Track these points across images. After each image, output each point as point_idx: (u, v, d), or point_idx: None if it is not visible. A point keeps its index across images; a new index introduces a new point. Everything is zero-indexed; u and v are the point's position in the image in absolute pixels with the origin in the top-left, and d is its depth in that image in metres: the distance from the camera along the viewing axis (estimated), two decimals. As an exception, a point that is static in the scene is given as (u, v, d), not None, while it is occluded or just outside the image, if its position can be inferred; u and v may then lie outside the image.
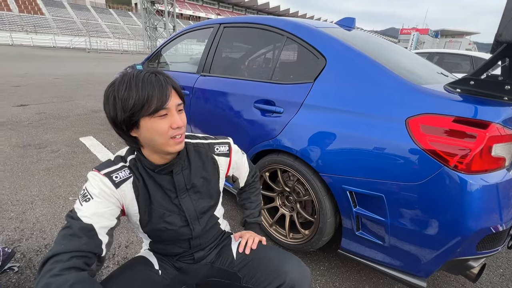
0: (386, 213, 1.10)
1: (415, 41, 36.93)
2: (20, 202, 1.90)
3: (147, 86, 0.66)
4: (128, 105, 0.65)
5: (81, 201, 0.68)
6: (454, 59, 5.39)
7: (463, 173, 0.93)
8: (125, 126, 0.69)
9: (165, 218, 0.79)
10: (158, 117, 0.68)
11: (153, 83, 0.67)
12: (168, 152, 0.73)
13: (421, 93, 1.08)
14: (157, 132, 0.69)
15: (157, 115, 0.67)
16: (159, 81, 0.68)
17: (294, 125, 1.35)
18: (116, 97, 0.66)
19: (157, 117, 0.68)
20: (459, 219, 0.94)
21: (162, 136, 0.69)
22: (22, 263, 1.38)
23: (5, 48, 20.82)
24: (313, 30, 1.48)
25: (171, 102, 0.69)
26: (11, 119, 3.72)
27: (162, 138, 0.70)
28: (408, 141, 1.02)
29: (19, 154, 2.66)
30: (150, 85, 0.66)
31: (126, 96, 0.65)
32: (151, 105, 0.66)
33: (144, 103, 0.65)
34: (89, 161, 2.61)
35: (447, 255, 1.01)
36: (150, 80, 0.67)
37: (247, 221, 1.05)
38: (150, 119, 0.68)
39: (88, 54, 21.13)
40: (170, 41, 2.53)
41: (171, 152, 0.73)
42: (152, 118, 0.67)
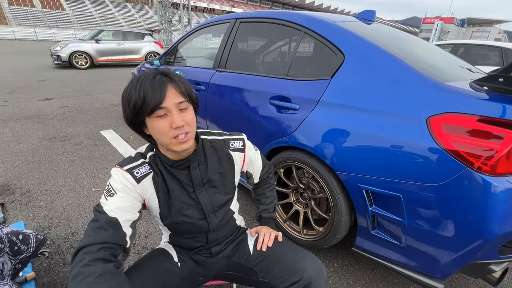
0: (403, 213, 1.08)
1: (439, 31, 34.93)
2: (48, 192, 2.03)
3: (144, 87, 0.68)
4: (130, 106, 0.70)
5: (106, 196, 0.73)
6: (482, 51, 5.08)
7: (488, 175, 0.89)
8: (134, 125, 0.74)
9: (184, 212, 0.83)
10: (157, 117, 0.70)
11: (150, 84, 0.68)
12: (175, 151, 0.75)
13: (444, 90, 1.04)
14: (159, 132, 0.71)
15: (156, 115, 0.69)
16: (157, 81, 0.69)
17: (310, 122, 1.34)
18: (123, 98, 0.72)
19: (156, 117, 0.70)
20: (481, 223, 0.91)
21: (163, 136, 0.71)
22: (52, 249, 1.49)
23: (31, 43, 21.77)
24: (331, 24, 1.44)
25: (168, 102, 0.68)
26: (37, 113, 3.93)
27: (165, 138, 0.71)
28: (429, 141, 0.99)
29: (46, 146, 2.82)
30: (146, 86, 0.68)
31: (128, 97, 0.70)
32: (148, 105, 0.68)
33: (142, 104, 0.68)
34: (109, 154, 2.72)
35: (466, 258, 0.99)
36: (149, 81, 0.69)
37: (262, 216, 1.07)
38: (150, 119, 0.70)
39: (107, 48, 21.69)
40: (187, 37, 2.55)
41: (176, 151, 0.74)
42: (151, 118, 0.70)
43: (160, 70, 0.73)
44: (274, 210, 1.10)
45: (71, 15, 33.54)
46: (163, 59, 2.86)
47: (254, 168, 1.02)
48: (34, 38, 26.10)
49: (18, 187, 2.06)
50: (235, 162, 0.92)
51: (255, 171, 1.04)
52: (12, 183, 2.11)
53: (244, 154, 0.94)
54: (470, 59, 4.80)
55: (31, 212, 1.79)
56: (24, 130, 3.24)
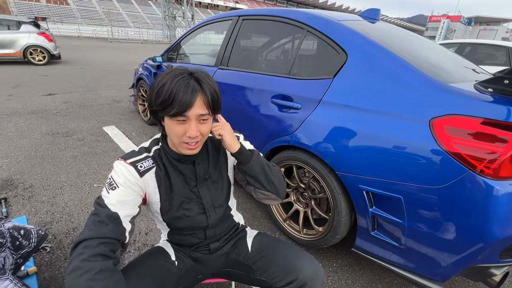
0: (403, 215, 1.07)
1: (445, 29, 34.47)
2: (50, 187, 2.04)
3: (176, 89, 0.68)
4: (157, 101, 0.70)
5: (108, 189, 0.73)
6: (488, 50, 5.01)
7: (490, 179, 0.88)
8: (155, 115, 0.75)
9: (184, 206, 0.83)
10: (176, 121, 0.71)
11: (184, 88, 0.68)
12: (182, 153, 0.78)
13: (447, 92, 1.02)
14: (173, 133, 0.73)
15: (175, 119, 0.71)
16: (190, 88, 0.69)
17: (312, 122, 1.34)
18: (157, 85, 0.71)
19: (175, 120, 0.71)
20: (483, 226, 0.90)
21: (176, 137, 0.74)
22: (53, 244, 1.50)
23: (35, 38, 21.83)
24: (334, 23, 1.42)
25: (192, 112, 0.70)
26: (41, 108, 3.95)
27: (176, 139, 0.74)
28: (431, 142, 0.98)
29: (49, 141, 2.84)
30: (179, 89, 0.68)
31: (158, 92, 0.70)
32: (172, 109, 0.68)
33: (168, 105, 0.68)
34: (111, 150, 2.73)
35: (467, 261, 0.98)
36: (183, 84, 0.69)
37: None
38: (170, 119, 0.71)
39: (110, 43, 21.72)
40: (189, 33, 2.54)
41: (183, 153, 0.78)
42: (171, 119, 0.71)
43: (195, 72, 0.73)
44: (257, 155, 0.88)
45: (75, 10, 33.56)
46: (166, 55, 2.86)
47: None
48: (39, 32, 26.13)
49: (21, 182, 2.08)
50: (228, 158, 0.93)
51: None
52: (15, 177, 2.13)
53: None
54: (476, 59, 4.73)
55: (33, 207, 1.80)
56: (27, 125, 3.26)
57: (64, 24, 29.29)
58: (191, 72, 0.73)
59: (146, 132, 3.21)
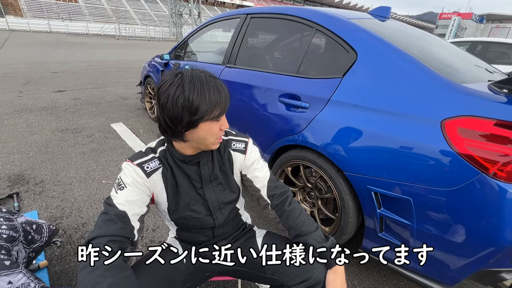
0: (412, 217, 1.06)
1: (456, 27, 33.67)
2: (60, 182, 2.08)
3: (215, 91, 0.69)
4: (200, 109, 0.67)
5: (116, 189, 0.74)
6: (501, 49, 4.89)
7: (504, 182, 0.87)
8: (185, 127, 0.69)
9: (191, 207, 0.84)
10: (216, 121, 0.72)
11: (219, 89, 0.70)
12: (211, 149, 0.79)
13: (460, 92, 1.00)
14: (211, 133, 0.73)
15: (215, 120, 0.72)
16: (222, 87, 0.71)
17: (320, 121, 1.33)
18: (187, 101, 0.66)
19: (214, 121, 0.72)
20: (494, 230, 0.89)
21: (213, 136, 0.74)
22: (64, 239, 1.53)
23: (45, 35, 22.21)
24: (344, 22, 1.41)
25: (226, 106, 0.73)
26: (51, 104, 4.02)
27: (213, 138, 0.75)
28: (443, 144, 0.96)
29: (59, 137, 2.89)
30: (217, 91, 0.69)
31: (199, 100, 0.66)
32: (216, 110, 0.69)
33: (213, 109, 0.69)
34: (119, 147, 2.77)
35: (477, 265, 0.96)
36: (216, 85, 0.70)
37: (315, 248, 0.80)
38: (210, 122, 0.71)
39: (117, 41, 21.93)
40: (197, 31, 2.54)
41: (213, 149, 0.80)
42: (211, 122, 0.71)
43: (206, 71, 0.73)
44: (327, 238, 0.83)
45: (84, 7, 33.92)
46: (173, 53, 2.87)
47: (256, 176, 0.90)
48: (48, 30, 26.59)
49: (32, 177, 2.12)
50: (234, 163, 0.89)
51: (259, 180, 0.91)
52: (26, 173, 2.18)
53: (244, 156, 0.89)
54: (488, 58, 4.62)
55: (44, 202, 1.84)
56: (38, 121, 3.32)
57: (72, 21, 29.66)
58: (204, 72, 0.72)
59: (154, 130, 3.24)
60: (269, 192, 0.90)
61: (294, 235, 0.87)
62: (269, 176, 0.92)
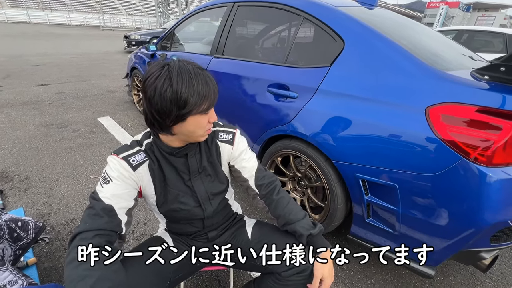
0: (398, 202, 1.09)
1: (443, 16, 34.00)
2: (46, 179, 2.03)
3: (204, 84, 0.67)
4: (189, 103, 0.65)
5: (102, 183, 0.73)
6: (485, 37, 4.97)
7: (483, 166, 0.90)
8: (173, 121, 0.68)
9: (180, 199, 0.83)
10: (204, 114, 0.71)
11: (207, 81, 0.68)
12: (199, 141, 0.79)
13: (444, 80, 1.02)
14: (199, 126, 0.72)
15: (204, 113, 0.71)
16: (211, 79, 0.70)
17: (308, 111, 1.33)
18: (175, 94, 0.64)
19: (203, 114, 0.71)
20: (475, 212, 0.92)
21: (202, 129, 0.74)
22: (52, 235, 1.51)
23: (24, 26, 21.17)
24: (331, 9, 1.40)
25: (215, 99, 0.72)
26: (33, 99, 3.87)
27: (202, 131, 0.74)
28: (427, 131, 0.98)
29: (43, 133, 2.80)
30: (205, 84, 0.68)
31: (187, 94, 0.64)
32: (205, 103, 0.68)
33: (202, 102, 0.67)
34: (107, 141, 2.71)
35: (458, 246, 1.01)
36: (204, 78, 0.68)
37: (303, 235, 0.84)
38: (199, 115, 0.70)
39: (102, 32, 21.15)
40: (183, 21, 2.47)
41: (201, 141, 0.79)
42: (200, 115, 0.70)
43: (196, 64, 0.71)
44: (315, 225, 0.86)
45: (65, -4, 32.35)
46: (160, 44, 2.79)
47: (244, 166, 0.90)
48: (27, 20, 25.32)
49: (17, 174, 2.06)
50: (222, 154, 0.89)
51: (247, 170, 0.91)
52: (10, 170, 2.11)
53: (232, 147, 0.89)
54: (474, 46, 4.70)
55: (30, 199, 1.80)
56: (20, 116, 3.20)
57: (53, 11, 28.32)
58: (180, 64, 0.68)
59: (142, 123, 3.18)
60: (257, 182, 0.91)
61: (282, 224, 0.89)
62: (257, 166, 0.93)
